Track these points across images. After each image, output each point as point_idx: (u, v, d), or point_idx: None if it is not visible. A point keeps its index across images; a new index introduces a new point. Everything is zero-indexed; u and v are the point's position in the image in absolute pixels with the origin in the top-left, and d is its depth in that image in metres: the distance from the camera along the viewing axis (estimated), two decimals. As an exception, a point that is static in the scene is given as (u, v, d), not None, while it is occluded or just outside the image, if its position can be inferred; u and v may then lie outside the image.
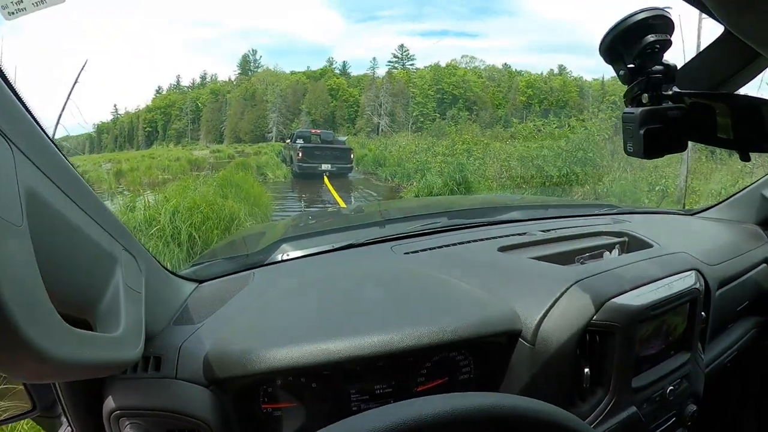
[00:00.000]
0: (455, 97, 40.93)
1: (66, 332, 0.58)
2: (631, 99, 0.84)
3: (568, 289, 1.07)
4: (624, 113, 0.84)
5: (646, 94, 0.82)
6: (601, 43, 0.81)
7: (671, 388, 1.18)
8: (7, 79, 0.58)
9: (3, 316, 0.47)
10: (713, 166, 13.07)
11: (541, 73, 43.03)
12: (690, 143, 0.88)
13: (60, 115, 10.56)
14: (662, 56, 0.80)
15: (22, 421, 2.03)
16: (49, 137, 0.64)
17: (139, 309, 0.84)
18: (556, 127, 14.38)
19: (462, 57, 45.08)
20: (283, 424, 1.00)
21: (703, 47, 0.87)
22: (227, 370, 0.93)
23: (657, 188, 10.36)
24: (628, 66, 0.81)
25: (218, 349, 0.96)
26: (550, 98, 39.62)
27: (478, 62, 44.73)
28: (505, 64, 44.63)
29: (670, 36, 0.78)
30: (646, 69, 0.80)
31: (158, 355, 0.98)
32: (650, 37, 0.77)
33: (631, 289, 1.10)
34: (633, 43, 0.78)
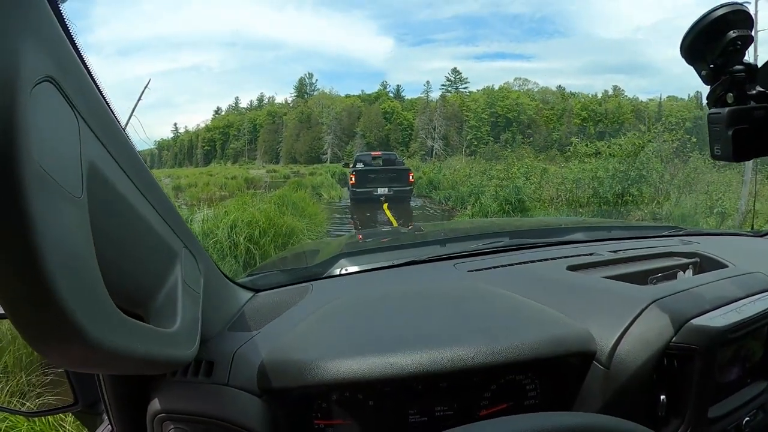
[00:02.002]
0: (509, 121, 40.99)
1: (118, 319, 0.55)
2: (715, 100, 0.79)
3: (645, 309, 0.99)
4: (710, 114, 0.79)
5: (731, 94, 0.77)
6: (682, 43, 0.77)
7: (747, 419, 1.07)
8: (84, 58, 0.56)
9: (49, 291, 0.44)
10: None
11: (595, 95, 42.56)
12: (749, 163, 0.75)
13: (123, 131, 11.02)
14: (744, 53, 0.76)
15: (67, 416, 2.09)
16: (118, 121, 0.62)
17: (196, 309, 0.81)
18: (609, 146, 13.93)
19: (515, 79, 45.34)
20: None
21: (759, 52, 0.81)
22: (284, 379, 0.88)
23: (716, 210, 9.92)
24: (710, 65, 0.78)
25: (275, 358, 0.92)
26: (605, 120, 39.04)
27: (531, 84, 44.87)
28: (559, 86, 44.45)
29: (750, 31, 0.75)
30: (728, 68, 0.76)
31: (210, 360, 0.94)
32: (732, 33, 0.74)
33: (710, 310, 1.01)
34: (714, 41, 0.75)
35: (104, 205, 0.56)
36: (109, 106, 0.60)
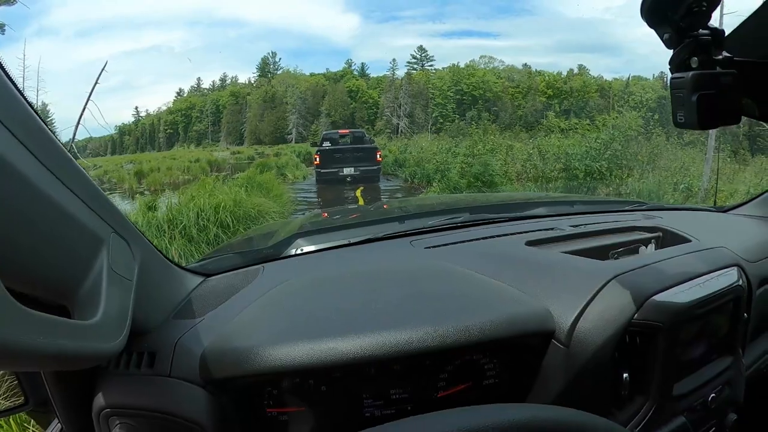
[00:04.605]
0: (474, 98, 41.00)
1: (17, 313, 0.49)
2: (678, 64, 0.75)
3: (605, 284, 0.97)
4: (672, 78, 0.75)
5: (695, 58, 0.73)
6: (642, 4, 0.73)
7: (713, 395, 1.08)
8: None
9: None
10: (736, 167, 13.04)
11: (560, 73, 42.89)
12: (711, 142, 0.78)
13: (80, 117, 10.58)
14: (710, 16, 0.72)
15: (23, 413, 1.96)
16: (28, 103, 0.58)
17: (126, 297, 0.76)
18: (587, 123, 14.15)
19: (480, 57, 45.18)
20: (290, 429, 0.92)
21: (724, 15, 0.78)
22: (224, 369, 0.85)
23: (681, 186, 10.20)
24: (673, 28, 0.74)
25: (216, 346, 0.88)
26: (570, 98, 39.44)
27: (497, 62, 44.82)
28: (525, 64, 44.59)
29: None
30: (693, 30, 0.73)
31: (152, 351, 0.90)
32: None
33: (673, 285, 1.00)
34: (678, 1, 0.71)
35: (10, 194, 0.52)
36: (15, 85, 0.57)
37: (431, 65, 45.07)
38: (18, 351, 0.48)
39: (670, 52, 0.77)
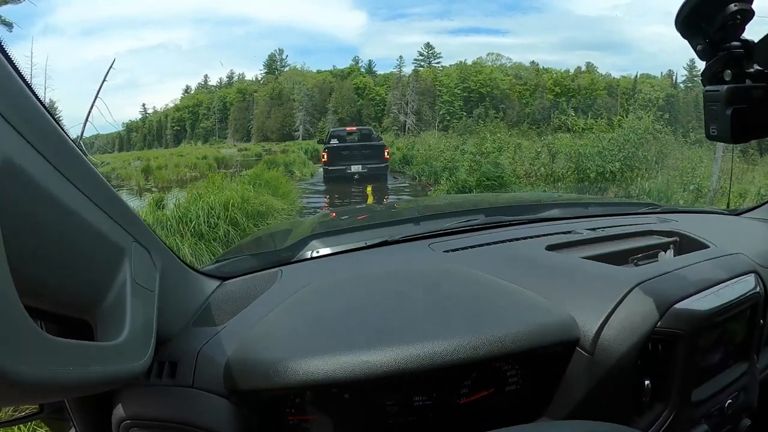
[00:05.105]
0: (482, 95, 40.91)
1: (42, 342, 0.45)
2: (710, 77, 0.76)
3: (629, 292, 0.97)
4: (706, 91, 0.76)
5: (729, 71, 0.74)
6: (678, 15, 0.74)
7: (729, 401, 1.08)
8: None
9: None
10: (745, 167, 13.00)
11: (567, 71, 42.76)
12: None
13: (89, 114, 10.61)
14: (744, 29, 0.73)
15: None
16: (44, 107, 0.55)
17: (150, 310, 0.74)
18: (604, 123, 13.97)
19: (488, 55, 45.03)
20: None
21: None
22: (250, 381, 0.84)
23: (691, 187, 10.09)
24: (707, 40, 0.74)
25: (241, 357, 0.86)
26: (577, 96, 39.32)
27: (505, 60, 44.68)
28: (533, 61, 44.44)
29: (750, 5, 0.71)
30: (726, 43, 0.73)
31: (174, 361, 0.89)
32: (732, 6, 0.70)
33: (695, 293, 1.00)
34: (714, 14, 0.71)
35: (25, 206, 0.48)
36: (30, 89, 0.53)
37: (438, 62, 45.01)
38: (50, 386, 0.45)
39: (677, 51, 0.78)
